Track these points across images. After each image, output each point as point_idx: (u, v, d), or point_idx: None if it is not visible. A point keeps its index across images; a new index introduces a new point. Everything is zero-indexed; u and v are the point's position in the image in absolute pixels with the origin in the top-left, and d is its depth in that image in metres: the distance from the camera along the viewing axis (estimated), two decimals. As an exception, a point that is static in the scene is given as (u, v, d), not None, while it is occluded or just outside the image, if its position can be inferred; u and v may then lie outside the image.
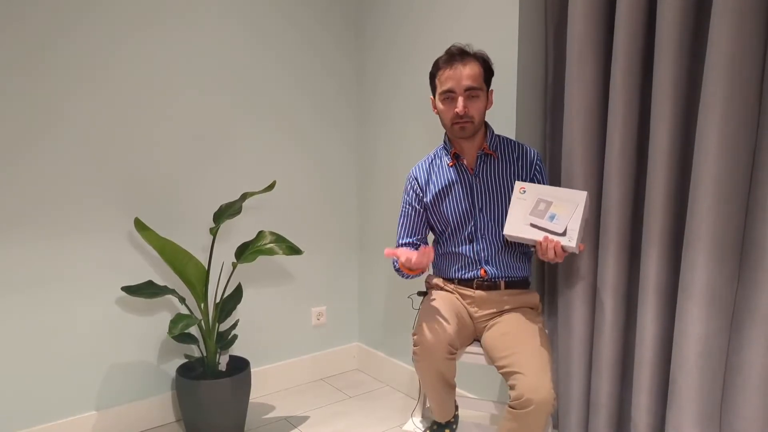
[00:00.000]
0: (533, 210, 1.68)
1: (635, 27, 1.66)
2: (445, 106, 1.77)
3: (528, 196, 1.70)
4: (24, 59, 2.01)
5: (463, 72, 1.72)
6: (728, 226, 1.51)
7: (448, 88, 1.74)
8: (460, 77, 1.72)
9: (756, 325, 1.48)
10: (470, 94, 1.74)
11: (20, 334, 2.08)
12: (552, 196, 1.67)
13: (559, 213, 1.64)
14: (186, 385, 2.17)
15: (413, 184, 1.93)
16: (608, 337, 1.80)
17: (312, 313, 2.83)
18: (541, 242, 1.64)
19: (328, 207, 2.82)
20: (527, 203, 1.70)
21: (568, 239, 1.61)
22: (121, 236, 2.25)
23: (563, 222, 1.63)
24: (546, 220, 1.65)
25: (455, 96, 1.74)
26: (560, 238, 1.62)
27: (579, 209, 1.62)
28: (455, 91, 1.73)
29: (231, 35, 2.44)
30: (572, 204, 1.63)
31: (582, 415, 1.92)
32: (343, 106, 2.82)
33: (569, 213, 1.63)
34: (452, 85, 1.73)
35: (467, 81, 1.72)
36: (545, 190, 1.69)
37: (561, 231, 1.63)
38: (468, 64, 1.72)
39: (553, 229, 1.64)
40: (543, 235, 1.64)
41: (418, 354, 1.67)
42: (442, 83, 1.75)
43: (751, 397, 1.50)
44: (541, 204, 1.68)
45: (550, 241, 1.62)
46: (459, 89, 1.73)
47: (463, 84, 1.72)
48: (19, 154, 2.03)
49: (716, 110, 1.47)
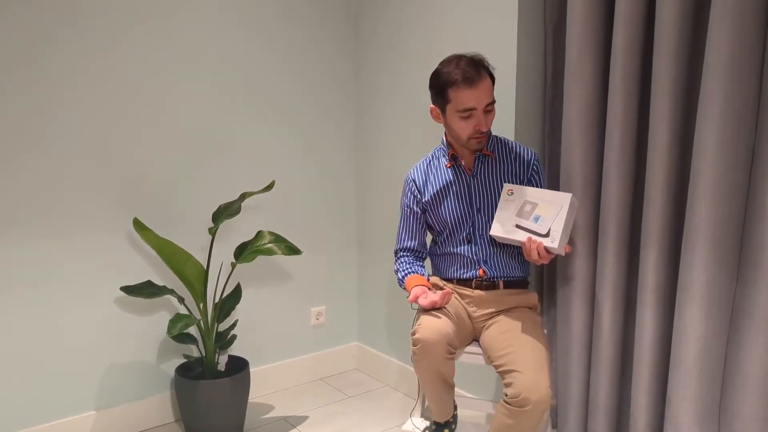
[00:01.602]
0: (519, 211, 1.71)
1: (634, 26, 1.66)
2: (464, 123, 1.76)
3: (515, 197, 1.73)
4: (22, 58, 2.00)
5: (483, 90, 1.72)
6: (727, 226, 1.50)
7: (470, 107, 1.73)
8: (480, 96, 1.72)
9: (755, 325, 1.48)
10: (487, 109, 1.75)
11: (19, 335, 2.08)
12: (538, 198, 1.70)
13: (544, 214, 1.66)
14: (185, 385, 2.17)
15: (411, 187, 1.94)
16: (607, 337, 1.80)
17: (311, 312, 2.82)
18: (525, 243, 1.65)
19: (328, 206, 2.82)
20: (514, 205, 1.72)
21: (551, 240, 1.63)
22: (120, 236, 2.25)
23: (547, 223, 1.65)
24: (531, 222, 1.68)
25: (476, 113, 1.74)
26: (543, 240, 1.64)
27: (563, 211, 1.64)
28: (476, 109, 1.73)
29: (230, 34, 2.44)
30: (556, 206, 1.65)
31: (581, 414, 1.92)
32: (342, 105, 2.81)
33: (553, 214, 1.65)
34: (474, 104, 1.72)
35: (486, 98, 1.73)
36: (532, 192, 1.71)
37: (544, 232, 1.65)
38: (483, 80, 1.72)
39: (537, 231, 1.66)
40: (527, 236, 1.66)
41: (417, 354, 1.67)
42: (462, 102, 1.73)
43: (749, 396, 1.50)
44: (527, 206, 1.70)
45: (533, 242, 1.64)
46: (480, 107, 1.73)
47: (482, 102, 1.73)
48: (17, 153, 2.02)
49: (715, 109, 1.47)
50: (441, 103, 1.79)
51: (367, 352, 2.92)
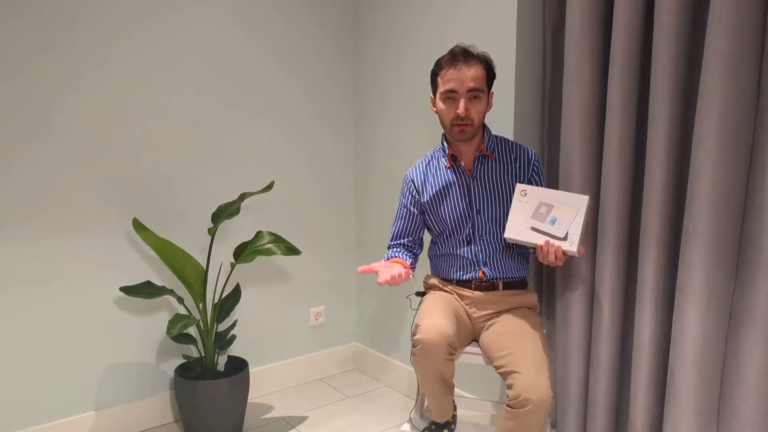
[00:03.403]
0: (534, 213, 1.67)
1: (633, 27, 1.67)
2: (446, 106, 1.76)
3: (529, 198, 1.69)
4: (21, 59, 2.00)
5: (467, 73, 1.70)
6: (726, 227, 1.51)
7: (450, 89, 1.72)
8: (463, 78, 1.70)
9: (753, 325, 1.49)
10: (472, 95, 1.73)
11: (18, 335, 2.07)
12: (553, 200, 1.66)
13: (561, 217, 1.63)
14: (184, 386, 2.17)
15: (410, 186, 1.93)
16: (606, 337, 1.80)
17: (310, 313, 2.83)
18: (542, 246, 1.63)
19: (327, 207, 2.82)
20: (528, 206, 1.68)
21: (570, 243, 1.60)
22: (120, 236, 2.25)
23: (565, 226, 1.62)
24: (547, 224, 1.64)
25: (457, 97, 1.73)
26: (561, 243, 1.61)
27: (580, 214, 1.61)
28: (457, 92, 1.72)
29: (229, 35, 2.44)
30: (574, 208, 1.62)
31: (580, 414, 1.93)
32: (341, 106, 2.82)
33: (570, 217, 1.62)
34: (455, 85, 1.71)
35: (470, 82, 1.71)
36: (546, 193, 1.68)
37: (562, 236, 1.61)
38: (472, 66, 1.71)
39: (554, 234, 1.63)
40: (544, 239, 1.64)
41: (417, 354, 1.67)
42: (445, 83, 1.73)
43: (748, 396, 1.50)
44: (542, 207, 1.66)
45: (551, 246, 1.62)
46: (461, 90, 1.72)
47: (465, 85, 1.71)
48: (16, 154, 2.02)
49: (714, 110, 1.47)
50: (433, 89, 1.81)
51: (366, 352, 2.93)
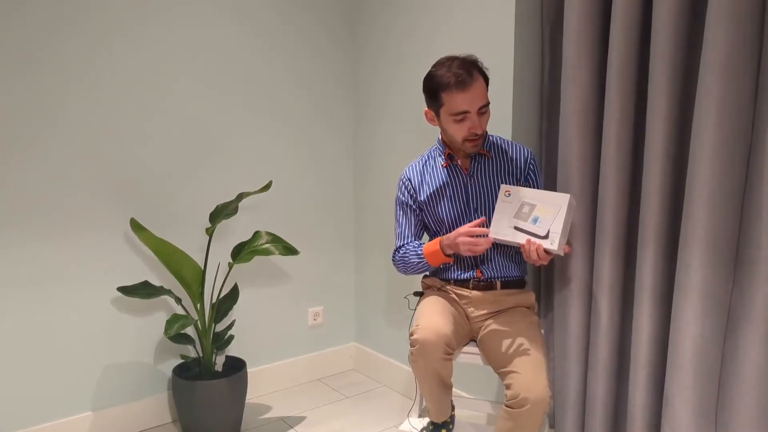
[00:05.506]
0: (517, 213, 1.70)
1: (631, 26, 1.66)
2: (458, 125, 1.75)
3: (513, 199, 1.72)
4: (18, 58, 2.00)
5: (476, 93, 1.71)
6: (724, 226, 1.51)
7: (463, 110, 1.72)
8: (474, 99, 1.71)
9: (751, 324, 1.49)
10: (481, 111, 1.74)
11: (16, 335, 2.07)
12: (536, 199, 1.69)
13: (543, 216, 1.66)
14: (182, 386, 2.17)
15: (407, 185, 1.93)
16: (604, 336, 1.80)
17: (309, 313, 2.82)
18: (524, 245, 1.65)
19: (325, 207, 2.82)
20: (512, 206, 1.72)
21: (551, 242, 1.63)
22: (117, 236, 2.25)
23: (546, 225, 1.65)
24: (529, 223, 1.67)
25: (470, 116, 1.73)
26: (542, 241, 1.64)
27: (561, 212, 1.64)
28: (470, 112, 1.72)
29: (228, 34, 2.44)
30: (555, 207, 1.65)
31: (578, 413, 1.93)
32: (340, 105, 2.81)
33: (552, 216, 1.65)
34: (467, 107, 1.71)
35: (480, 101, 1.72)
36: (529, 193, 1.71)
37: (543, 234, 1.64)
38: (477, 83, 1.71)
39: (536, 232, 1.66)
40: (526, 237, 1.66)
41: (415, 354, 1.67)
42: (456, 105, 1.72)
43: (746, 395, 1.50)
44: (525, 207, 1.70)
45: (533, 244, 1.64)
46: (474, 110, 1.72)
47: (477, 105, 1.72)
48: (13, 153, 2.02)
49: (712, 110, 1.47)
50: (435, 106, 1.78)
51: (364, 352, 2.92)
